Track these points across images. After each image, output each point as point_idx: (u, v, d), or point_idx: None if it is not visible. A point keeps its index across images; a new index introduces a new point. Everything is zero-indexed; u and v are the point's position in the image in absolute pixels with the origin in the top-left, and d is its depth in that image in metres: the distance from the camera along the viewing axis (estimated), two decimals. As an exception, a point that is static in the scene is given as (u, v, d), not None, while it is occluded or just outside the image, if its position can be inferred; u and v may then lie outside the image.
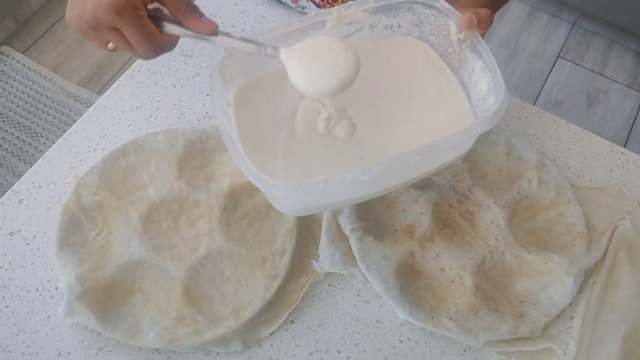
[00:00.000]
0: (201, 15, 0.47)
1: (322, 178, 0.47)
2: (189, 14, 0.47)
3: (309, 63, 0.51)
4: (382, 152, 0.57)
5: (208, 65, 0.75)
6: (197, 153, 0.66)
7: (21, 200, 0.64)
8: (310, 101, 0.59)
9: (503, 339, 0.58)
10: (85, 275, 0.57)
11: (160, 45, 0.47)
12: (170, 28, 0.48)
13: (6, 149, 1.66)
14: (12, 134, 1.69)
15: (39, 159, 0.67)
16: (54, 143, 0.68)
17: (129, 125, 0.70)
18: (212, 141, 0.66)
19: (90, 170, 0.63)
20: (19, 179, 0.66)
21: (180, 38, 0.49)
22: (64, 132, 0.67)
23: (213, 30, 0.48)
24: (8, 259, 0.61)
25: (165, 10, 0.48)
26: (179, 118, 0.71)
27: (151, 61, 0.73)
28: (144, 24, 0.45)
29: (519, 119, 0.72)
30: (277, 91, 0.59)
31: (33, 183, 0.65)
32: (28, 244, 0.62)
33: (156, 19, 0.47)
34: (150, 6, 0.47)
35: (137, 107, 0.71)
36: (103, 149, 0.68)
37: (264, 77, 0.60)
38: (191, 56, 0.75)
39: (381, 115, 0.59)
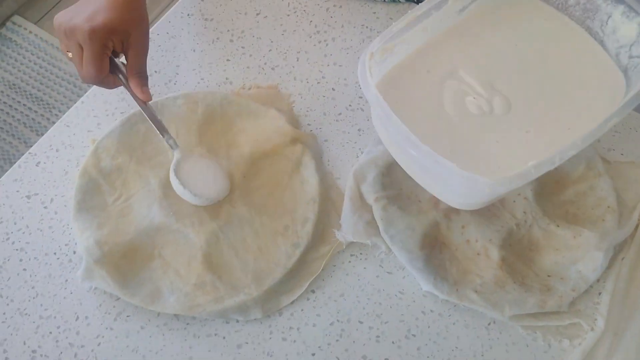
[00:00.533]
0: (144, 85, 0.58)
1: (533, 164, 0.45)
2: (135, 77, 0.58)
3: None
4: (546, 123, 0.54)
5: (228, 30, 0.73)
6: (217, 118, 0.64)
7: (38, 163, 0.63)
8: (454, 83, 0.55)
9: (529, 313, 0.56)
10: (105, 239, 0.56)
11: (101, 79, 0.57)
12: (118, 74, 0.58)
13: (18, 119, 1.65)
14: (24, 104, 1.68)
15: (50, 129, 0.66)
16: (64, 114, 0.67)
17: (148, 89, 0.68)
18: (233, 107, 0.65)
19: (109, 133, 0.62)
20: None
21: None
22: (75, 103, 0.66)
23: (145, 100, 0.58)
24: (25, 222, 0.60)
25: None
26: (198, 83, 0.69)
27: (170, 24, 0.72)
28: (101, 57, 0.55)
29: (549, 90, 0.69)
30: (415, 80, 0.56)
31: (50, 146, 0.64)
32: (45, 207, 0.61)
33: (113, 65, 0.57)
34: (119, 59, 0.59)
35: (155, 72, 0.69)
36: (121, 113, 0.66)
37: (397, 67, 0.56)
38: (211, 20, 0.73)
39: (528, 87, 0.56)
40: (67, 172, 0.63)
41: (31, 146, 0.64)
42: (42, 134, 0.64)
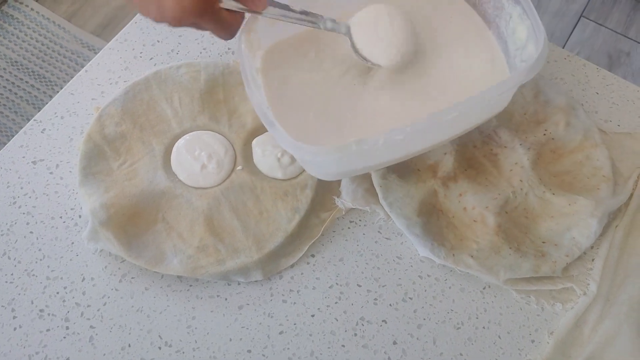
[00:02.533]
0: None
1: (354, 140, 0.46)
2: None
3: (373, 35, 0.54)
4: (415, 109, 0.56)
5: (230, 1, 0.73)
6: (219, 87, 0.65)
7: (43, 129, 0.64)
8: (340, 58, 0.58)
9: (523, 278, 0.58)
10: (110, 202, 0.57)
11: (236, 29, 0.48)
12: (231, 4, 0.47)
13: (21, 96, 1.66)
14: (26, 81, 1.68)
15: (54, 97, 0.67)
16: (68, 83, 0.68)
17: (151, 58, 0.69)
18: (234, 76, 0.65)
19: (112, 101, 0.63)
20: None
21: None
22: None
23: (263, 6, 0.48)
24: (32, 187, 0.61)
25: None
26: (200, 53, 0.70)
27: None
28: (223, 20, 0.46)
29: (548, 62, 0.70)
30: (306, 52, 0.58)
31: (55, 113, 0.65)
32: (51, 173, 0.62)
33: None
34: None
35: (158, 41, 0.70)
36: (125, 81, 0.67)
37: (291, 38, 0.58)
38: (213, -9, 0.73)
39: (413, 72, 0.57)
40: (71, 139, 0.64)
41: (25, 126, 0.64)
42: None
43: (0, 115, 1.63)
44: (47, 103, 0.61)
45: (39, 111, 0.64)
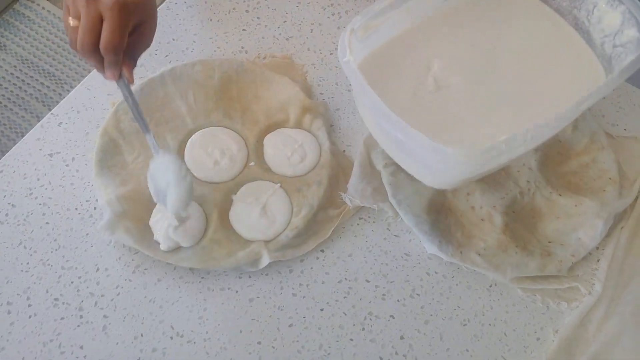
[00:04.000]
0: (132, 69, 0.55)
1: (503, 139, 0.44)
2: (131, 61, 0.55)
3: None
4: (523, 105, 0.55)
5: (244, 1, 0.75)
6: (233, 85, 0.66)
7: (60, 123, 0.66)
8: (434, 68, 0.57)
9: (529, 277, 0.59)
10: (127, 194, 0.58)
11: (115, 50, 0.52)
12: None
13: (30, 94, 1.67)
14: (36, 79, 1.70)
15: (71, 92, 0.68)
16: (85, 78, 0.69)
17: (166, 56, 0.70)
18: (248, 74, 0.67)
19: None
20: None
21: None
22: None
23: (131, 82, 0.56)
24: (48, 179, 0.63)
25: None
26: (214, 51, 0.71)
27: (188, -6, 0.73)
28: (125, 31, 0.52)
29: (556, 66, 0.71)
30: (395, 62, 0.57)
31: (72, 107, 0.66)
32: (67, 165, 0.63)
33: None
34: None
35: (173, 39, 0.72)
36: (140, 77, 0.68)
37: (384, 47, 0.57)
38: (228, -9, 0.75)
39: (505, 75, 0.57)
40: (87, 133, 0.65)
41: (42, 120, 0.66)
42: (53, 108, 0.66)
43: (10, 112, 1.64)
44: (56, 101, 0.62)
45: (48, 108, 0.65)
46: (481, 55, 0.58)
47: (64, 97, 0.66)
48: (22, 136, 0.64)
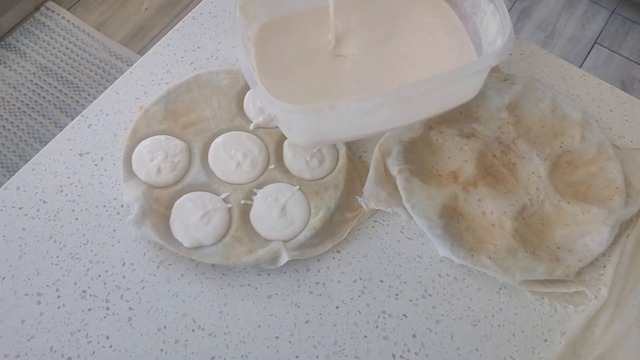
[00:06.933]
0: None
1: (328, 102, 0.51)
2: None
3: None
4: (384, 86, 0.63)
5: (266, 13, 0.78)
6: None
7: (90, 125, 0.69)
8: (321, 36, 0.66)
9: (538, 280, 0.61)
10: (154, 192, 0.61)
11: None
12: None
13: (49, 101, 1.72)
14: (55, 87, 1.74)
15: (79, 113, 0.71)
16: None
17: (191, 63, 0.74)
18: (269, 82, 0.70)
19: (156, 101, 0.67)
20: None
21: None
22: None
23: None
24: (78, 177, 0.66)
25: None
26: (237, 59, 0.74)
27: (212, 5, 0.77)
28: None
29: (565, 80, 0.74)
30: (299, 29, 0.66)
31: (101, 110, 0.70)
32: (96, 165, 0.66)
33: None
34: None
35: (198, 47, 0.75)
36: (166, 83, 0.72)
37: (287, 16, 0.67)
38: (251, 3, 0.79)
39: (384, 54, 0.65)
40: (116, 134, 0.68)
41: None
42: (72, 116, 0.70)
43: (29, 117, 1.69)
44: (74, 108, 0.66)
45: (67, 116, 0.69)
46: (378, 35, 0.67)
47: (82, 105, 0.70)
48: (41, 142, 0.68)
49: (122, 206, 0.64)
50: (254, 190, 0.63)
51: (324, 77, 0.65)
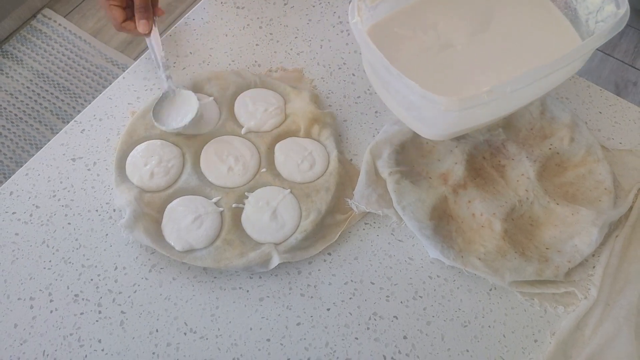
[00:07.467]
0: (142, 18, 0.69)
1: (485, 90, 0.50)
2: (138, 11, 0.69)
3: None
4: (507, 65, 0.62)
5: (258, 18, 0.79)
6: (247, 98, 0.70)
7: (83, 130, 0.69)
8: (435, 33, 0.64)
9: (527, 281, 0.61)
10: (146, 196, 0.62)
11: (121, 27, 0.70)
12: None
13: (46, 107, 1.72)
14: (51, 93, 1.75)
15: (94, 101, 0.72)
16: (107, 88, 0.73)
17: (183, 68, 0.74)
18: (259, 89, 0.70)
19: (148, 106, 0.68)
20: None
21: None
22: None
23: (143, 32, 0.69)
24: (70, 182, 0.66)
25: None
26: (229, 64, 0.75)
27: (205, 11, 0.78)
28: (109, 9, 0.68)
29: (554, 82, 0.75)
30: (401, 29, 0.64)
31: (94, 115, 0.70)
32: (89, 170, 0.67)
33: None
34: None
35: (191, 53, 0.76)
36: (159, 88, 0.72)
37: (394, 15, 0.65)
38: (242, 8, 0.79)
39: (486, 41, 0.64)
40: (108, 139, 0.69)
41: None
42: (68, 121, 0.70)
43: (25, 124, 1.69)
44: (70, 114, 0.66)
45: (63, 122, 0.70)
46: (477, 25, 0.65)
47: (78, 111, 0.71)
48: (37, 148, 0.68)
49: (114, 210, 0.64)
50: (246, 193, 0.64)
51: (437, 69, 0.63)
